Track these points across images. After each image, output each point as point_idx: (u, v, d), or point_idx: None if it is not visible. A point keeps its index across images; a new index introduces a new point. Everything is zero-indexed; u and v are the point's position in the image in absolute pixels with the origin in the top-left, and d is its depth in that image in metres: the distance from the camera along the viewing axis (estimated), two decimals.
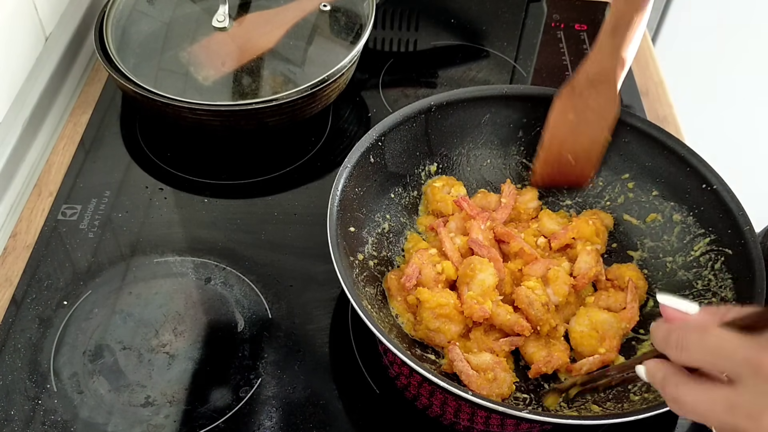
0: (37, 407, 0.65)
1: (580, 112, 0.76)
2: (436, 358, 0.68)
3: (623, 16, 0.72)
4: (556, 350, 0.67)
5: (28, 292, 0.74)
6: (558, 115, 0.77)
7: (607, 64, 0.74)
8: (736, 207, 0.69)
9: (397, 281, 0.71)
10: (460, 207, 0.76)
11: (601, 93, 0.75)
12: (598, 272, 0.72)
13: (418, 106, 0.77)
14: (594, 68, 0.75)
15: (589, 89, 0.75)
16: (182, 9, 0.95)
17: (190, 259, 0.78)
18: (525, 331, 0.66)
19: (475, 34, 1.10)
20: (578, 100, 0.76)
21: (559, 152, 0.78)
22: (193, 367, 0.69)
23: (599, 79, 0.75)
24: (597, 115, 0.76)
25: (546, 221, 0.77)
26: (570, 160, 0.78)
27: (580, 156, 0.78)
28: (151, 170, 0.87)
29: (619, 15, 0.72)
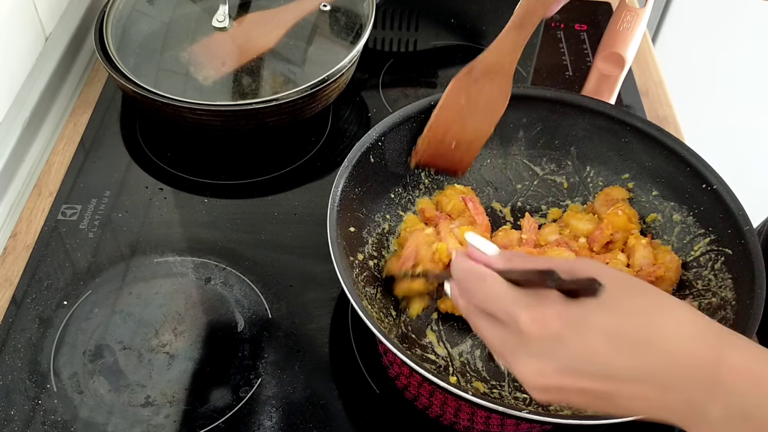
0: (37, 407, 0.65)
1: (473, 99, 0.76)
2: (436, 358, 0.68)
3: (532, 12, 0.72)
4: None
5: (28, 292, 0.74)
6: (451, 96, 0.76)
7: (506, 57, 0.74)
8: (736, 207, 0.69)
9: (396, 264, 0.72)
10: (466, 205, 0.76)
11: (495, 83, 0.75)
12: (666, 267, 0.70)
13: (418, 106, 0.77)
14: (493, 58, 0.75)
15: (485, 77, 0.75)
16: (182, 9, 0.95)
17: (190, 259, 0.78)
18: None
19: (475, 34, 1.10)
20: (473, 85, 0.76)
21: (443, 134, 0.77)
22: (193, 367, 0.69)
23: (495, 69, 0.75)
24: (487, 107, 0.76)
25: (575, 223, 0.76)
26: (451, 146, 0.77)
27: (461, 143, 0.77)
28: (151, 170, 0.87)
29: (529, 10, 0.72)
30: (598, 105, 0.78)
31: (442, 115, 0.76)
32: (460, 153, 0.78)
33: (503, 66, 0.75)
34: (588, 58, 1.06)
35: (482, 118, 0.77)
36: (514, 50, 0.74)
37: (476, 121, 0.77)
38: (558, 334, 0.43)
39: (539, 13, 0.72)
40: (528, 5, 0.72)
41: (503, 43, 0.74)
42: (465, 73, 0.75)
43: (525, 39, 0.74)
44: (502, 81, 0.75)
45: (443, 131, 0.77)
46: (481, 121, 0.77)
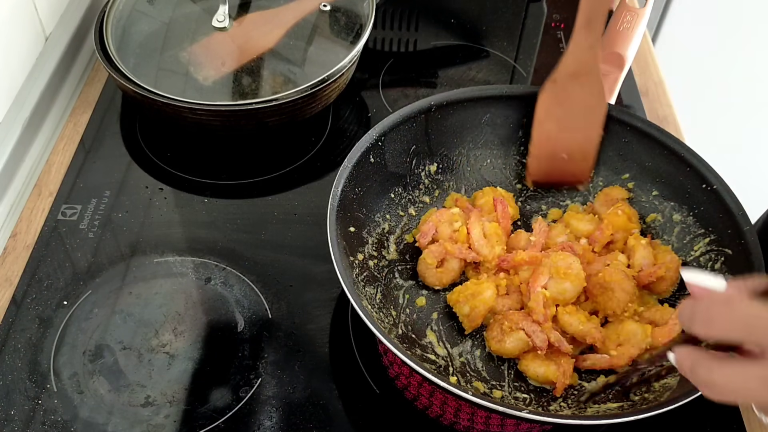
0: (37, 407, 0.65)
1: (567, 107, 0.75)
2: (436, 358, 0.68)
3: (595, 7, 0.71)
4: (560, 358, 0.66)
5: (28, 292, 0.74)
6: (544, 109, 0.76)
7: (585, 57, 0.73)
8: (736, 207, 0.69)
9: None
10: (495, 207, 0.76)
11: (584, 85, 0.74)
12: (666, 267, 0.70)
13: (418, 106, 0.76)
14: (573, 63, 0.74)
15: (572, 82, 0.74)
16: (182, 9, 0.95)
17: (190, 259, 0.78)
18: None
19: (475, 34, 1.10)
20: (562, 93, 0.75)
21: (551, 149, 0.76)
22: (193, 367, 0.69)
23: (580, 72, 0.74)
24: (585, 109, 0.75)
25: (575, 223, 0.76)
26: (564, 158, 0.76)
27: (574, 153, 0.76)
28: (151, 170, 0.87)
29: (591, 8, 0.71)
30: None
31: (541, 131, 0.76)
32: (576, 163, 0.77)
33: (586, 66, 0.74)
34: None
35: (586, 122, 0.76)
36: (591, 48, 0.73)
37: (581, 126, 0.76)
38: None
39: (603, 6, 0.71)
40: (588, 2, 0.71)
41: (577, 44, 0.73)
42: (549, 83, 0.75)
43: (598, 35, 0.72)
44: (591, 81, 0.74)
45: (550, 146, 0.76)
46: (585, 125, 0.76)
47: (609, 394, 0.61)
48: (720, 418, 0.68)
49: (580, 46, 0.73)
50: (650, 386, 0.63)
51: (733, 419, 0.68)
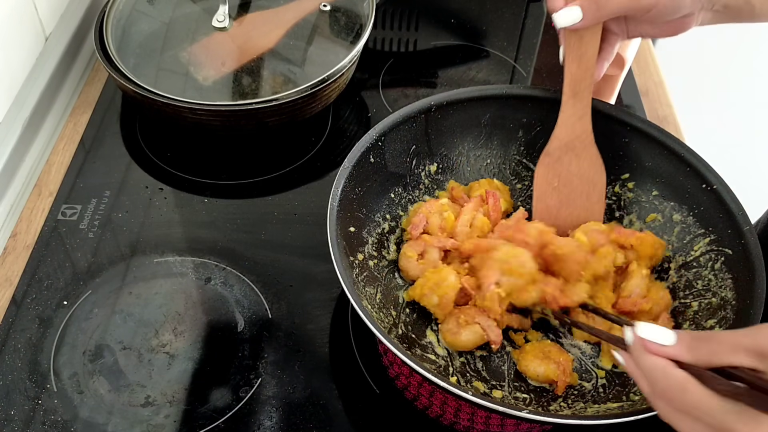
0: (37, 407, 0.65)
1: (565, 180, 0.74)
2: (436, 358, 0.68)
3: (580, 79, 0.71)
4: (558, 355, 0.67)
5: (28, 292, 0.74)
6: (540, 182, 0.75)
7: (577, 128, 0.73)
8: (736, 207, 0.69)
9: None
10: (486, 199, 0.75)
11: (581, 156, 0.74)
12: (655, 303, 0.69)
13: (418, 106, 0.76)
14: (565, 134, 0.73)
15: (567, 154, 0.74)
16: (182, 9, 0.95)
17: (190, 259, 0.78)
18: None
19: (475, 34, 1.10)
20: (558, 166, 0.74)
21: (552, 223, 0.74)
22: (193, 367, 0.69)
23: (573, 142, 0.73)
24: (584, 182, 0.74)
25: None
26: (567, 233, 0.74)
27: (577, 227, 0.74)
28: (151, 170, 0.87)
29: (576, 79, 0.71)
30: (598, 105, 0.78)
31: (542, 205, 0.75)
32: None
33: (579, 137, 0.73)
34: None
35: (586, 194, 0.75)
36: (581, 119, 0.73)
37: (581, 200, 0.75)
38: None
39: (587, 78, 0.70)
40: (573, 75, 0.70)
41: (566, 117, 0.73)
42: (543, 157, 0.74)
43: (587, 105, 0.72)
44: (587, 151, 0.74)
45: (551, 222, 0.74)
46: (586, 198, 0.75)
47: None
48: None
49: (569, 117, 0.73)
50: None
51: None
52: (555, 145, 0.74)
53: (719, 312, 0.66)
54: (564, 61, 0.71)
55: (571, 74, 0.71)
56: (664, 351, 0.48)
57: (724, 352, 0.46)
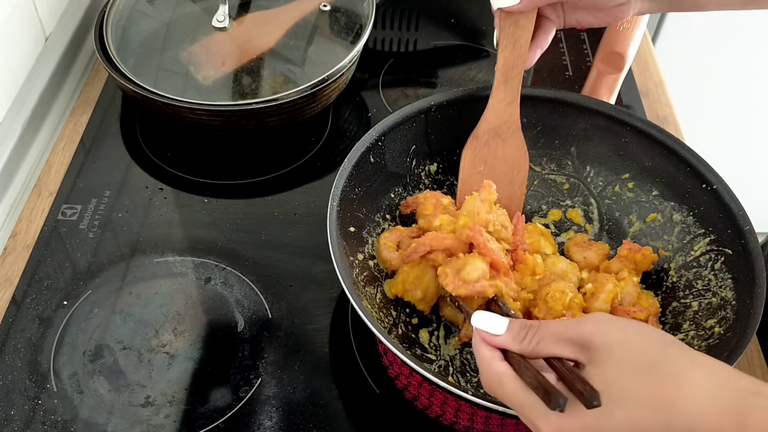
0: (37, 407, 0.65)
1: (491, 165, 0.75)
2: (436, 358, 0.68)
3: (512, 65, 0.71)
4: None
5: (28, 292, 0.74)
6: (466, 165, 0.76)
7: (506, 113, 0.74)
8: (736, 207, 0.69)
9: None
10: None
11: (507, 142, 0.75)
12: (648, 313, 0.69)
13: (418, 106, 0.76)
14: (494, 119, 0.74)
15: (494, 138, 0.75)
16: (182, 9, 0.95)
17: (190, 259, 0.78)
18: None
19: (475, 34, 1.10)
20: (485, 150, 0.75)
21: None
22: (193, 367, 0.69)
23: (501, 127, 0.74)
24: (508, 166, 0.76)
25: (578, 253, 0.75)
26: None
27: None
28: (151, 170, 0.87)
29: (508, 64, 0.71)
30: (598, 105, 0.78)
31: (466, 188, 0.76)
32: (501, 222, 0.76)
33: (507, 122, 0.74)
34: (588, 58, 1.06)
35: (510, 180, 0.76)
36: (510, 105, 0.74)
37: (504, 185, 0.76)
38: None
39: (519, 64, 0.71)
40: (506, 60, 0.71)
41: (496, 101, 0.74)
42: (471, 140, 0.75)
43: (517, 91, 0.73)
44: (513, 137, 0.75)
45: None
46: (509, 183, 0.76)
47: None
48: None
49: (499, 101, 0.74)
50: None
51: None
52: (483, 128, 0.75)
53: (719, 312, 0.66)
54: (497, 45, 0.71)
55: (504, 59, 0.71)
56: (494, 341, 0.51)
57: (548, 342, 0.48)
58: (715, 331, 0.65)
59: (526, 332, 0.50)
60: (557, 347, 0.48)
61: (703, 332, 0.66)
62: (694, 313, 0.68)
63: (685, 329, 0.68)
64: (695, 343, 0.66)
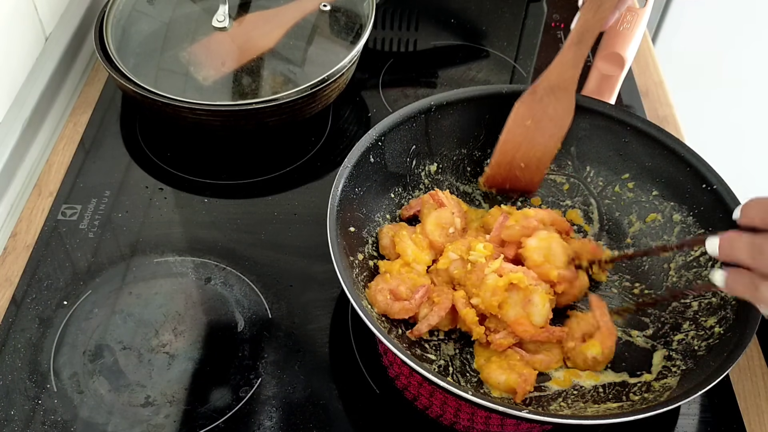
0: (37, 407, 0.65)
1: (538, 120, 0.77)
2: (436, 358, 0.68)
3: (590, 27, 0.73)
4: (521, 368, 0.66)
5: (28, 292, 0.74)
6: (516, 120, 0.77)
7: (568, 73, 0.76)
8: (736, 207, 0.69)
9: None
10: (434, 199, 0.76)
11: (560, 100, 0.76)
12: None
13: (418, 106, 0.77)
14: (556, 75, 0.76)
15: (549, 96, 0.76)
16: (182, 9, 0.95)
17: (190, 259, 0.78)
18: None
19: (475, 34, 1.10)
20: (538, 106, 0.76)
21: (512, 157, 0.78)
22: (193, 367, 0.69)
23: (560, 86, 0.76)
24: (553, 124, 0.77)
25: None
26: (521, 166, 0.78)
27: (531, 163, 0.78)
28: (151, 170, 0.87)
29: (586, 26, 0.73)
30: (598, 105, 0.79)
31: (509, 139, 0.77)
32: (530, 172, 0.78)
33: (566, 82, 0.76)
34: (588, 58, 1.06)
35: (549, 134, 0.77)
36: (574, 66, 0.75)
37: (543, 138, 0.77)
38: None
39: (596, 27, 0.73)
40: (585, 21, 0.73)
41: (564, 59, 0.75)
42: (529, 93, 0.76)
43: (584, 54, 0.75)
44: (566, 97, 0.76)
45: (512, 154, 0.77)
46: (548, 137, 0.77)
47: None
48: (720, 418, 0.68)
49: (565, 61, 0.76)
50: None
51: (733, 419, 0.68)
52: (543, 84, 0.76)
53: (719, 312, 0.66)
54: (582, 6, 0.73)
55: (585, 20, 0.73)
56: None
57: None
58: (715, 331, 0.65)
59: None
60: None
61: (704, 332, 0.66)
62: (694, 313, 0.68)
63: (685, 329, 0.68)
64: (695, 343, 0.66)
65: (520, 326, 0.66)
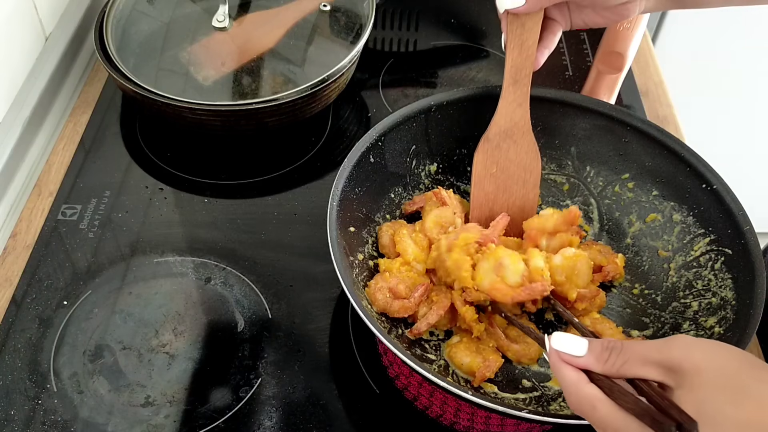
0: (37, 407, 0.65)
1: (503, 167, 0.75)
2: (436, 358, 0.68)
3: (521, 67, 0.71)
4: (489, 354, 0.67)
5: (28, 292, 0.74)
6: (479, 170, 0.75)
7: (517, 113, 0.74)
8: (736, 207, 0.69)
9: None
10: (436, 196, 0.75)
11: (518, 143, 0.75)
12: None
13: (418, 106, 0.76)
14: (503, 121, 0.74)
15: (505, 140, 0.74)
16: (182, 9, 0.95)
17: (190, 259, 0.78)
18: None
19: (475, 34, 1.10)
20: (497, 152, 0.75)
21: (489, 210, 0.76)
22: (193, 367, 0.69)
23: (513, 129, 0.74)
24: (522, 169, 0.75)
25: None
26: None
27: (514, 214, 0.76)
28: (151, 170, 0.87)
29: (516, 66, 0.71)
30: (598, 105, 0.78)
31: (479, 191, 0.75)
32: (516, 224, 0.76)
33: (518, 124, 0.74)
34: (588, 58, 1.06)
35: (522, 182, 0.76)
36: (520, 106, 0.73)
37: (517, 186, 0.76)
38: None
39: (527, 66, 0.71)
40: (513, 61, 0.71)
41: (507, 102, 0.73)
42: (482, 143, 0.74)
43: (526, 92, 0.73)
44: (524, 139, 0.74)
45: (488, 207, 0.76)
46: (522, 185, 0.76)
47: None
48: None
49: (509, 103, 0.73)
50: None
51: None
52: (494, 131, 0.74)
53: (719, 312, 0.66)
54: (505, 48, 0.71)
55: (512, 61, 0.71)
56: (576, 362, 0.50)
57: (633, 364, 0.48)
58: (715, 331, 0.65)
59: (609, 353, 0.49)
60: (643, 369, 0.47)
61: (703, 332, 0.66)
62: (694, 313, 0.68)
63: (685, 329, 0.68)
64: None
65: (497, 292, 0.66)
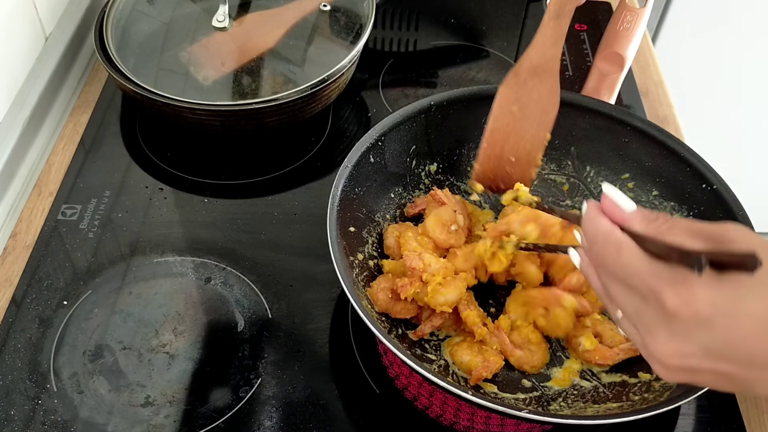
0: (37, 407, 0.65)
1: (524, 105, 0.73)
2: (436, 358, 0.68)
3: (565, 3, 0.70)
4: (490, 355, 0.67)
5: (28, 292, 0.74)
6: (502, 104, 0.73)
7: (550, 51, 0.72)
8: (736, 207, 0.69)
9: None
10: (434, 197, 0.75)
11: (543, 82, 0.72)
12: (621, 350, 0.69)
13: (418, 106, 0.77)
14: (537, 55, 0.72)
15: (533, 78, 0.72)
16: (182, 9, 0.95)
17: (190, 259, 0.78)
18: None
19: (475, 34, 1.10)
20: (522, 90, 0.73)
21: (501, 149, 0.74)
22: (193, 367, 0.69)
23: (542, 66, 0.72)
24: (539, 110, 0.73)
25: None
26: (511, 160, 0.74)
27: (521, 156, 0.74)
28: (151, 170, 0.87)
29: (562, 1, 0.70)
30: (598, 105, 0.79)
31: (497, 127, 0.73)
32: (521, 167, 0.74)
33: (548, 61, 0.72)
34: (588, 58, 1.06)
35: (537, 123, 0.73)
36: (555, 43, 0.71)
37: (532, 128, 0.73)
38: (707, 319, 0.40)
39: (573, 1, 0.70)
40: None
41: (544, 37, 0.71)
42: (512, 76, 0.73)
43: (564, 30, 0.71)
44: (550, 78, 0.72)
45: (500, 145, 0.74)
46: (536, 126, 0.73)
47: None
48: (720, 418, 0.68)
49: (545, 39, 0.72)
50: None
51: (733, 419, 0.68)
52: (525, 65, 0.73)
53: None
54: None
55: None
56: (620, 214, 0.46)
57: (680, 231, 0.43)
58: None
59: (657, 216, 0.45)
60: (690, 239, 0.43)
61: None
62: None
63: None
64: None
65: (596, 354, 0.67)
